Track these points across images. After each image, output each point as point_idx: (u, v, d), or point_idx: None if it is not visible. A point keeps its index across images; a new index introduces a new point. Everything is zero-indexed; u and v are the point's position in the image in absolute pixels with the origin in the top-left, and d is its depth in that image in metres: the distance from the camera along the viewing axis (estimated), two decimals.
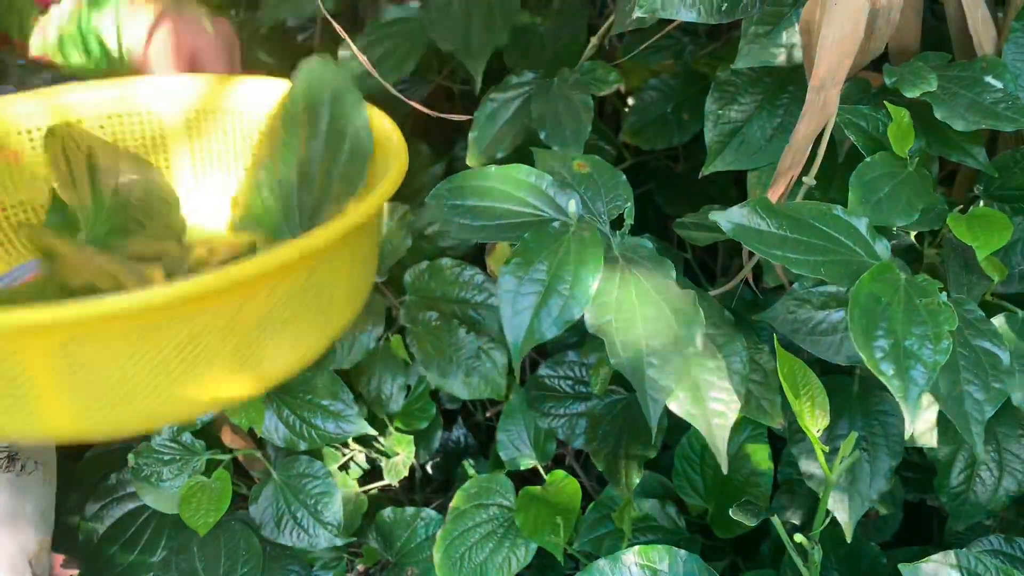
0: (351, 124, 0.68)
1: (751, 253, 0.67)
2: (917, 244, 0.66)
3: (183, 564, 0.80)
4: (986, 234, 0.56)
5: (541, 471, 0.84)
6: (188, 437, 0.84)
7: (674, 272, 0.53)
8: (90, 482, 0.90)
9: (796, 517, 0.77)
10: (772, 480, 0.76)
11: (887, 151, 0.59)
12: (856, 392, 0.67)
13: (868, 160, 0.58)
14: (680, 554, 0.57)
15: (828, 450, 0.65)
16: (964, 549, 0.53)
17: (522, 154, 0.72)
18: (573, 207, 0.54)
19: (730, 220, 0.55)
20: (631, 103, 0.91)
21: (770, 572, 0.75)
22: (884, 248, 0.55)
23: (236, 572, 0.79)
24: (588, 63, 0.81)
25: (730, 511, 0.71)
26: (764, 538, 0.80)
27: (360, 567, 0.89)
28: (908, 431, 0.46)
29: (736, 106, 0.69)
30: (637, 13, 0.62)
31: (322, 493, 0.83)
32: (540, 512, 0.77)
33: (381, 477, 0.91)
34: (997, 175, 0.62)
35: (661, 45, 0.87)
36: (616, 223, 0.59)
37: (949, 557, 0.52)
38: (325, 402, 0.83)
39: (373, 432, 0.85)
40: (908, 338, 0.48)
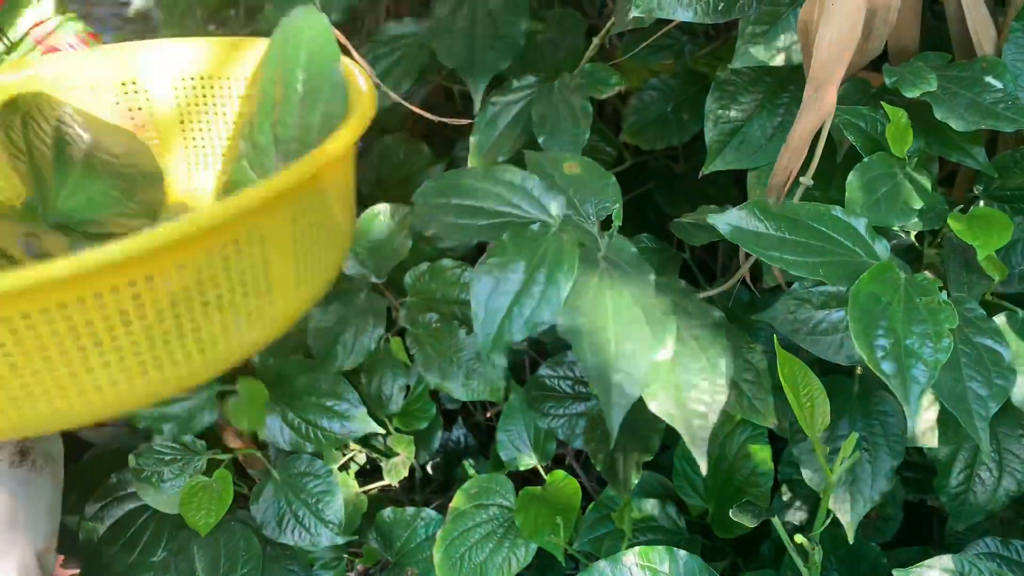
0: (326, 84, 0.65)
1: (748, 253, 0.67)
2: (917, 244, 0.66)
3: (182, 565, 0.80)
4: (986, 234, 0.56)
5: (541, 471, 0.84)
6: (189, 437, 0.84)
7: (653, 276, 0.52)
8: (90, 482, 0.90)
9: (796, 517, 0.77)
10: (773, 480, 0.76)
11: (885, 151, 0.59)
12: (856, 392, 0.67)
13: (866, 160, 0.58)
14: (680, 555, 0.57)
15: (829, 450, 0.65)
16: (960, 553, 0.53)
17: (523, 158, 0.72)
18: (555, 208, 0.54)
19: (727, 222, 0.55)
20: (631, 103, 0.90)
21: (770, 572, 0.75)
22: (883, 248, 0.55)
23: (236, 573, 0.79)
24: (589, 65, 0.80)
25: (730, 512, 0.71)
26: (764, 538, 0.80)
27: (360, 567, 0.89)
28: (910, 430, 0.46)
29: (736, 106, 0.69)
30: (634, 13, 0.62)
31: (323, 492, 0.83)
32: (540, 512, 0.77)
33: (381, 477, 0.91)
34: (997, 175, 0.62)
35: (660, 45, 0.87)
36: (605, 224, 0.58)
37: (944, 561, 0.52)
38: (330, 403, 0.82)
39: (380, 430, 0.84)
40: (909, 337, 0.48)
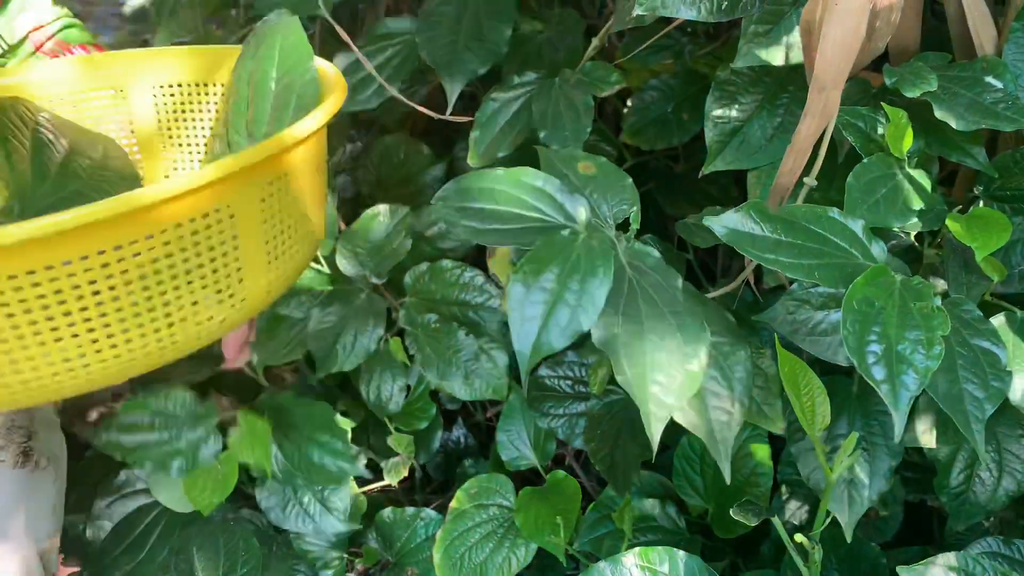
0: (299, 82, 0.67)
1: None
2: (917, 244, 0.66)
3: (182, 565, 0.80)
4: (985, 234, 0.56)
5: (541, 471, 0.84)
6: (205, 452, 0.83)
7: (681, 282, 0.52)
8: (92, 480, 0.90)
9: (796, 517, 0.77)
10: (772, 480, 0.76)
11: (885, 152, 0.59)
12: (856, 392, 0.67)
13: (865, 161, 0.58)
14: (680, 555, 0.57)
15: (828, 450, 0.65)
16: (962, 551, 0.53)
17: (523, 154, 0.72)
18: (583, 214, 0.53)
19: (724, 225, 0.55)
20: (631, 103, 0.90)
21: (770, 572, 0.75)
22: (880, 250, 0.54)
23: (235, 573, 0.79)
24: (590, 64, 0.80)
25: (730, 511, 0.71)
26: (764, 538, 0.80)
27: (360, 567, 0.89)
28: (898, 435, 0.46)
29: (736, 106, 0.69)
30: (637, 11, 0.62)
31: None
32: (540, 512, 0.77)
33: (381, 477, 0.91)
34: (997, 175, 0.62)
35: (661, 45, 0.87)
36: (622, 226, 0.58)
37: (947, 559, 0.52)
38: (324, 438, 0.82)
39: (367, 474, 0.84)
40: (901, 343, 0.48)
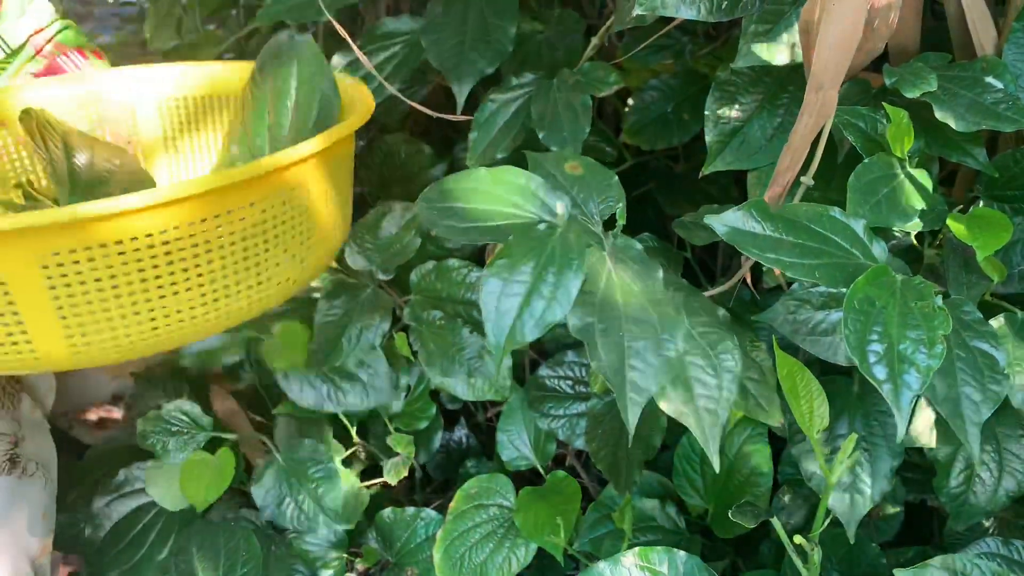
0: (318, 88, 0.70)
1: None
2: (917, 244, 0.66)
3: (182, 565, 0.80)
4: (986, 234, 0.56)
5: (541, 471, 0.84)
6: (197, 410, 0.84)
7: (661, 273, 0.53)
8: (92, 480, 0.90)
9: (796, 518, 0.77)
10: (772, 480, 0.76)
11: (886, 152, 0.59)
12: (856, 393, 0.67)
13: (867, 161, 0.58)
14: (679, 556, 0.57)
15: (829, 451, 0.65)
16: (961, 553, 0.53)
17: (522, 155, 0.72)
18: (561, 208, 0.54)
19: (725, 223, 0.55)
20: (631, 103, 0.90)
21: (770, 572, 0.75)
22: (881, 250, 0.54)
23: (235, 573, 0.79)
24: (588, 64, 0.80)
25: (730, 512, 0.70)
26: (764, 538, 0.79)
27: (360, 567, 0.89)
28: (900, 435, 0.46)
29: (736, 106, 0.69)
30: (637, 11, 0.62)
31: (324, 478, 0.83)
32: (540, 512, 0.77)
33: (381, 477, 0.91)
34: (997, 175, 0.62)
35: (661, 45, 0.87)
36: (609, 223, 0.58)
37: (946, 561, 0.52)
38: (354, 368, 0.85)
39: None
40: (902, 342, 0.48)
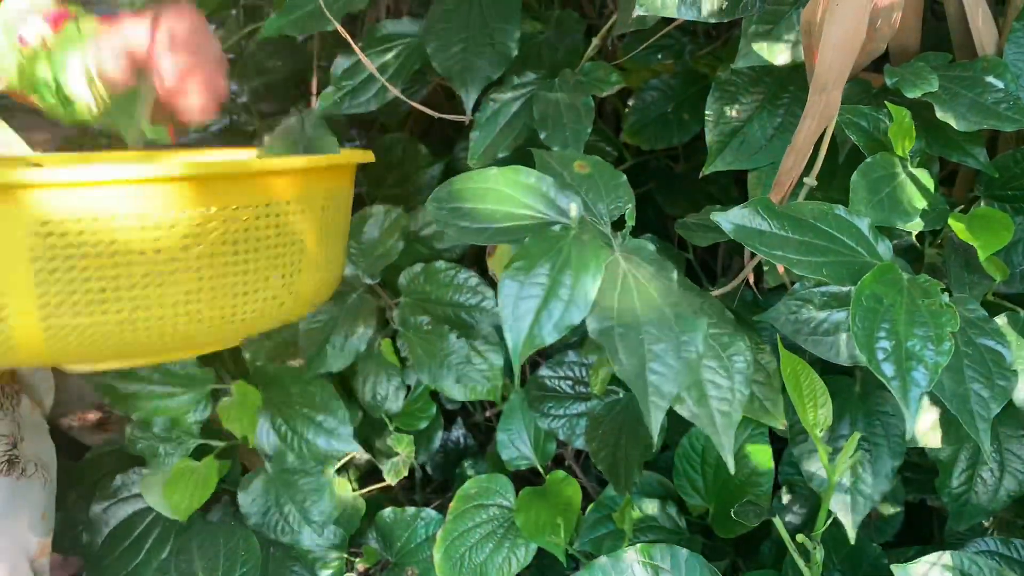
0: (323, 150, 0.74)
1: (752, 253, 0.66)
2: (918, 244, 0.66)
3: (182, 565, 0.80)
4: (987, 234, 0.56)
5: (541, 471, 0.84)
6: (189, 418, 0.84)
7: (676, 274, 0.53)
8: (91, 481, 0.90)
9: (797, 517, 0.77)
10: (773, 480, 0.76)
11: (888, 151, 0.59)
12: (858, 392, 0.67)
13: (869, 160, 0.58)
14: (681, 552, 0.57)
15: (830, 451, 0.65)
16: (959, 550, 0.53)
17: (523, 155, 0.72)
18: (574, 210, 0.54)
19: (731, 221, 0.55)
20: (631, 103, 0.90)
21: (771, 572, 0.75)
22: (886, 248, 0.54)
23: (235, 573, 0.79)
24: (589, 64, 0.80)
25: (732, 511, 0.71)
26: (765, 538, 0.79)
27: (360, 567, 0.89)
28: (909, 432, 0.46)
29: (737, 106, 0.69)
30: (638, 12, 0.62)
31: (313, 490, 0.83)
32: (540, 512, 0.77)
33: (381, 477, 0.91)
34: (997, 175, 0.62)
35: (661, 45, 0.87)
36: (617, 224, 0.58)
37: (943, 558, 0.52)
38: (319, 417, 0.82)
39: (361, 452, 0.84)
40: (910, 339, 0.48)
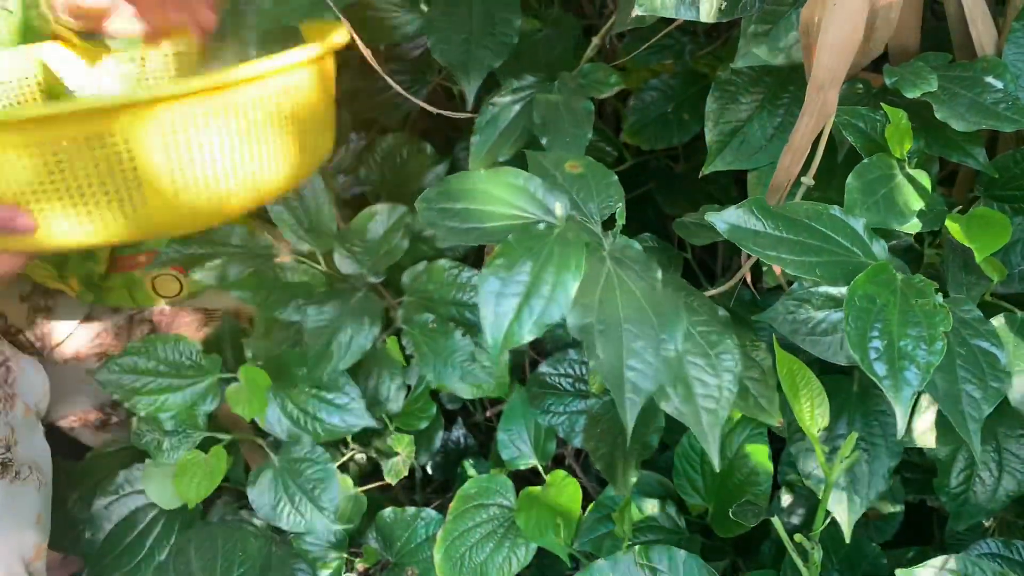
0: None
1: (750, 253, 0.67)
2: (917, 244, 0.66)
3: (181, 566, 0.80)
4: (985, 235, 0.56)
5: (541, 471, 0.84)
6: (201, 408, 0.84)
7: (660, 273, 0.53)
8: (92, 481, 0.90)
9: (796, 517, 0.77)
10: (772, 480, 0.76)
11: (885, 152, 0.59)
12: (855, 392, 0.67)
13: (865, 161, 0.58)
14: (679, 554, 0.57)
15: (828, 450, 0.65)
16: (962, 553, 0.53)
17: (524, 158, 0.72)
18: (560, 209, 0.54)
19: (726, 221, 0.55)
20: (631, 103, 0.90)
21: (770, 572, 0.75)
22: (881, 248, 0.54)
23: (232, 573, 0.79)
24: (588, 66, 0.80)
25: (731, 511, 0.71)
26: (764, 538, 0.80)
27: (360, 567, 0.89)
28: (900, 432, 0.46)
29: (737, 106, 0.69)
30: (636, 12, 0.62)
31: (321, 478, 0.83)
32: (541, 512, 0.77)
33: (381, 477, 0.91)
34: (997, 175, 0.62)
35: (661, 45, 0.87)
36: (608, 223, 0.58)
37: (948, 561, 0.52)
38: (330, 395, 0.83)
39: (377, 425, 0.85)
40: (903, 339, 0.48)
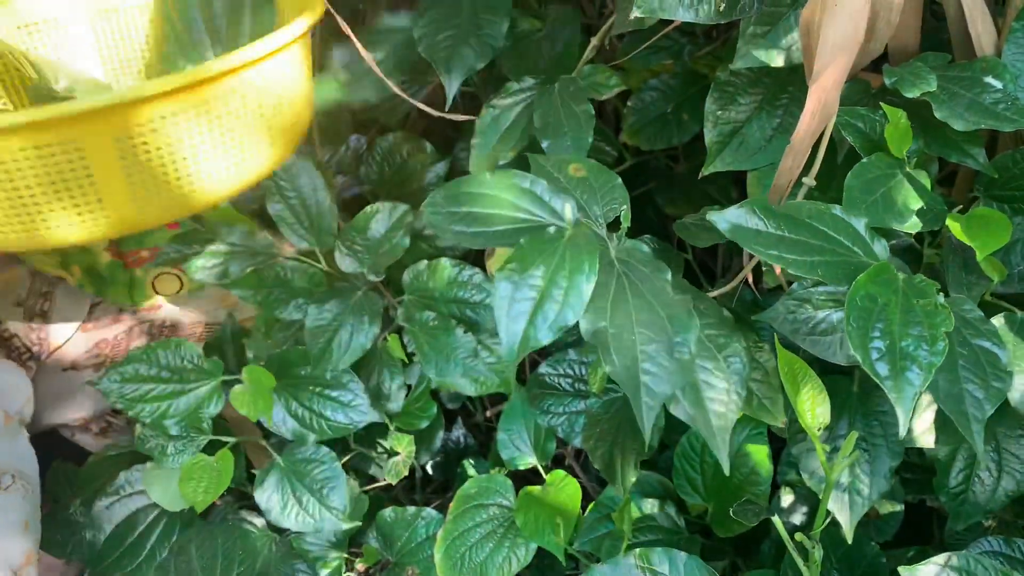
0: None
1: (750, 254, 0.67)
2: (917, 244, 0.66)
3: (181, 566, 0.80)
4: (985, 235, 0.56)
5: (541, 471, 0.84)
6: (206, 411, 0.84)
7: (670, 275, 0.53)
8: (94, 486, 0.90)
9: (796, 517, 0.77)
10: (772, 480, 0.76)
11: (884, 152, 0.59)
12: (856, 392, 0.67)
13: (864, 161, 0.58)
14: (680, 556, 0.57)
15: (828, 450, 0.65)
16: (964, 551, 0.53)
17: (525, 160, 0.72)
18: (569, 212, 0.54)
19: (727, 220, 0.55)
20: (631, 103, 0.90)
21: (770, 572, 0.75)
22: (882, 248, 0.55)
23: (232, 573, 0.79)
24: (588, 67, 0.80)
25: (731, 511, 0.71)
26: (764, 538, 0.80)
27: (360, 567, 0.89)
28: (902, 432, 0.46)
29: (736, 106, 0.69)
30: (635, 13, 0.62)
31: (328, 478, 0.83)
32: (540, 512, 0.77)
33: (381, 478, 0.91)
34: (997, 175, 0.62)
35: (660, 46, 0.87)
36: (613, 226, 0.58)
37: (949, 559, 0.52)
38: (334, 393, 0.83)
39: (384, 420, 0.85)
40: (904, 339, 0.48)
